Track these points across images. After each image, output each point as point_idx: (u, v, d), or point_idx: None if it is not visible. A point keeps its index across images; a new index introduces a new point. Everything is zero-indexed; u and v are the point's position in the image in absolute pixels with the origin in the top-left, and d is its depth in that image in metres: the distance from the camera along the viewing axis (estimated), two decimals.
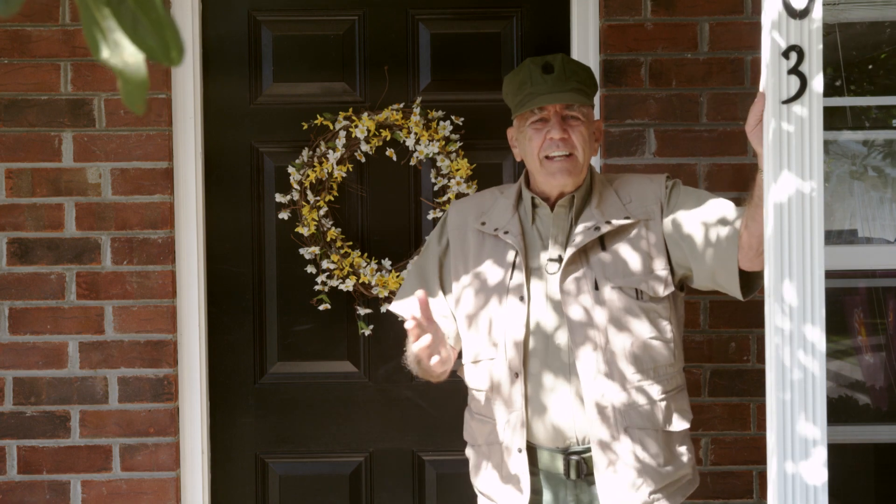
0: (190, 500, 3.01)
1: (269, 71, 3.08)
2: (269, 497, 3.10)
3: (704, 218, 2.19)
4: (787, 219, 1.77)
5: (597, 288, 2.20)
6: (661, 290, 2.22)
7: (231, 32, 3.06)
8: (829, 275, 1.82)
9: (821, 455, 1.76)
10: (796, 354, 1.76)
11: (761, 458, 2.14)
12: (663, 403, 2.22)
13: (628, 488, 2.18)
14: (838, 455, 2.47)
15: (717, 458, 2.92)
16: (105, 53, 0.93)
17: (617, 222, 2.22)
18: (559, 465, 2.22)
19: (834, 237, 3.37)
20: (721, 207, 2.19)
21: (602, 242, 2.23)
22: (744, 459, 2.92)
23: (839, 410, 3.36)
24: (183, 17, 2.98)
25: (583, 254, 2.22)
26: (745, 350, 2.92)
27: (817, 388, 1.76)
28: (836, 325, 3.38)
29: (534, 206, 2.30)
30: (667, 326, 2.23)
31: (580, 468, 2.21)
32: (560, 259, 2.23)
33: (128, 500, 2.94)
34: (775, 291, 1.77)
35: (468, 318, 2.30)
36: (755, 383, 2.89)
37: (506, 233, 2.26)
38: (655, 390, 2.21)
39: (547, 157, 2.24)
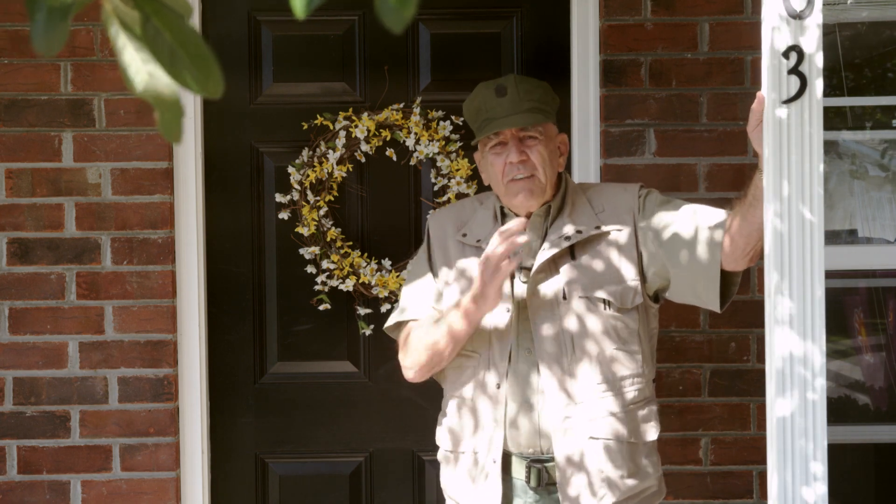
0: (190, 500, 3.01)
1: (269, 71, 3.08)
2: (269, 497, 3.10)
3: (682, 226, 2.17)
4: (787, 219, 1.77)
5: (565, 297, 2.20)
6: (630, 301, 2.22)
7: (231, 32, 3.06)
8: (829, 275, 1.82)
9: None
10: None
11: (761, 458, 2.14)
12: (629, 414, 2.21)
13: (590, 497, 2.18)
14: (838, 455, 2.47)
15: (717, 458, 2.92)
16: (140, 86, 0.92)
17: (587, 232, 2.23)
18: (522, 473, 2.23)
19: (834, 237, 3.37)
20: (700, 214, 2.18)
21: (572, 252, 2.23)
22: (744, 459, 2.92)
23: (839, 410, 3.36)
24: None
25: (552, 263, 2.23)
26: (745, 350, 2.92)
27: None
28: (836, 325, 3.38)
29: (506, 217, 2.30)
30: (634, 338, 2.23)
31: (541, 477, 2.21)
32: (530, 268, 2.23)
33: (128, 500, 2.94)
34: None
35: None
36: (755, 383, 2.88)
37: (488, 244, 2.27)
38: (620, 401, 2.21)
39: (511, 181, 2.24)
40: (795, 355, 1.76)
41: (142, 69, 0.92)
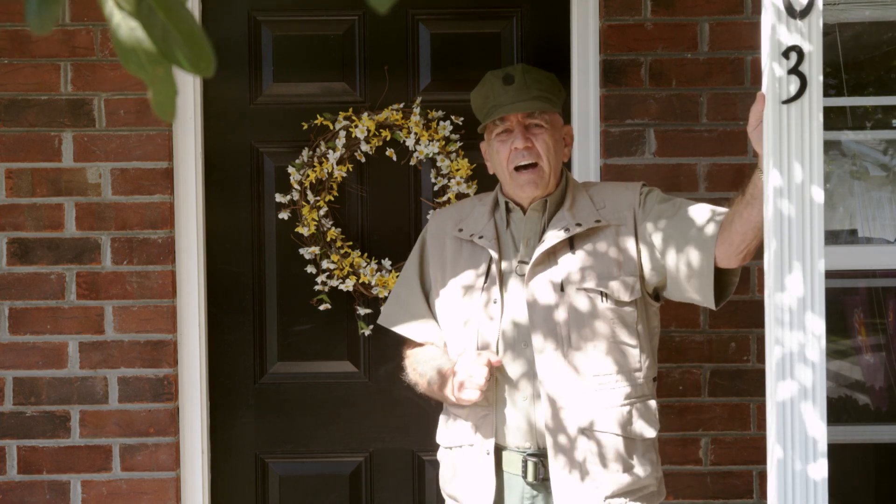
0: (190, 500, 3.01)
1: (269, 71, 3.08)
2: (269, 497, 3.10)
3: (680, 224, 2.19)
4: (788, 218, 1.77)
5: (562, 289, 2.20)
6: (627, 295, 2.23)
7: (231, 32, 3.06)
8: (829, 275, 1.82)
9: (821, 446, 1.76)
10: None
11: (761, 458, 2.15)
12: (624, 409, 2.22)
13: (581, 491, 2.18)
14: (838, 455, 2.47)
15: (717, 458, 2.92)
16: (135, 64, 0.93)
17: (587, 225, 2.24)
18: (519, 466, 2.23)
19: (834, 237, 3.37)
20: (698, 212, 2.19)
21: (571, 245, 2.24)
22: (744, 459, 2.92)
23: (839, 410, 3.36)
24: None
25: (552, 255, 2.24)
26: (745, 350, 2.92)
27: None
28: (836, 325, 3.37)
29: (508, 210, 2.34)
30: (632, 332, 2.24)
31: (538, 470, 2.21)
32: (528, 261, 2.25)
33: (128, 500, 2.94)
34: (775, 284, 1.78)
35: (448, 321, 2.34)
36: (755, 383, 2.88)
37: (480, 237, 2.30)
38: (616, 395, 2.21)
39: (515, 169, 2.26)
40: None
41: (137, 48, 0.93)
